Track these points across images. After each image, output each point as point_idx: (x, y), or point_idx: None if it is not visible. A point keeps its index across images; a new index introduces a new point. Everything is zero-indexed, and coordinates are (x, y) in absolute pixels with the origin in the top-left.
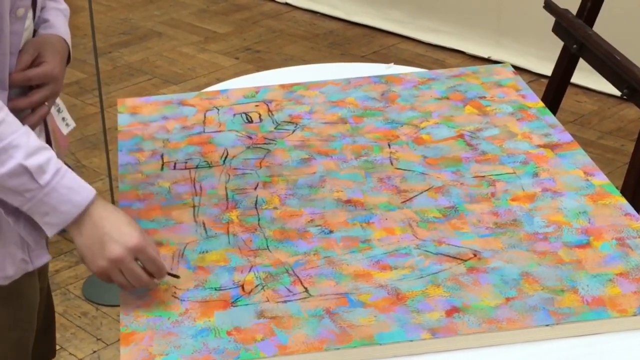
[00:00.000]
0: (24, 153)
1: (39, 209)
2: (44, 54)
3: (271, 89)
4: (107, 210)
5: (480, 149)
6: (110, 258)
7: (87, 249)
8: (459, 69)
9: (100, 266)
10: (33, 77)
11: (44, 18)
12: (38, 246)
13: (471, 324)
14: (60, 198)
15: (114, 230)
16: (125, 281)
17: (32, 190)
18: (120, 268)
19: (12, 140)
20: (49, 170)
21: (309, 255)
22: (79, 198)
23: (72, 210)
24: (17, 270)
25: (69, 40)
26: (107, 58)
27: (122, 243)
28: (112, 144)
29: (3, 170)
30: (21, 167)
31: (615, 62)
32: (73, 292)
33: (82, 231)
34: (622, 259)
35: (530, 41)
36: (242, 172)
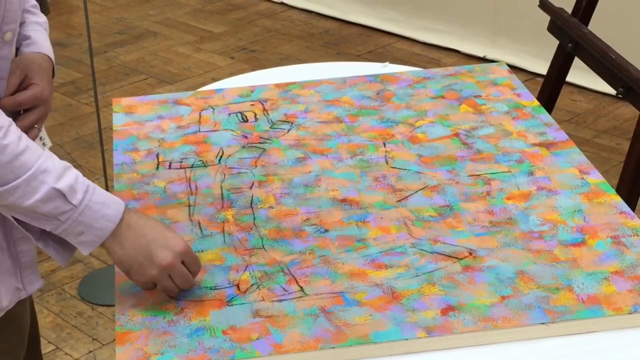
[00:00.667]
0: (54, 176)
1: (74, 230)
2: (31, 76)
3: (266, 88)
4: (142, 218)
5: (476, 148)
6: (162, 265)
7: (133, 260)
8: (454, 68)
9: (152, 275)
10: (23, 102)
11: (25, 35)
12: (31, 271)
13: (467, 322)
14: (94, 215)
15: (158, 237)
16: (174, 286)
17: (67, 212)
18: (170, 274)
19: (39, 165)
20: (79, 189)
21: (305, 254)
22: (112, 212)
23: (108, 225)
24: (11, 300)
25: (53, 56)
26: (102, 58)
27: (171, 248)
28: (108, 143)
29: (37, 196)
30: (54, 191)
31: (610, 60)
32: (69, 292)
33: (123, 244)
34: (617, 257)
35: (525, 40)
36: (237, 171)
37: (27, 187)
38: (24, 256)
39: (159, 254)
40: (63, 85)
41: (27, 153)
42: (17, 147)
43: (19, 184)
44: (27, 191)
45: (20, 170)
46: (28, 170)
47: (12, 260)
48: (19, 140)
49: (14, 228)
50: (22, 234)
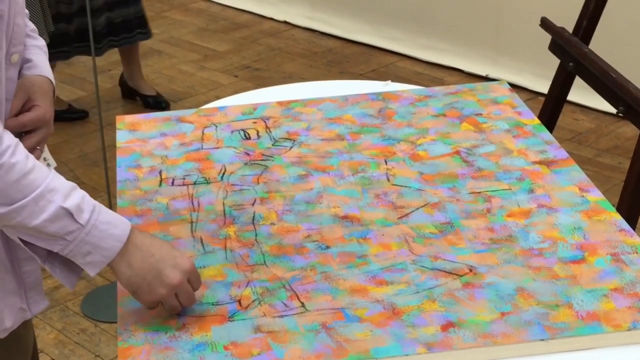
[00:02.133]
0: (61, 195)
1: (81, 250)
2: (34, 98)
3: (269, 106)
4: (148, 237)
5: (476, 166)
6: (172, 284)
7: (142, 279)
8: (456, 87)
9: (160, 294)
10: (27, 123)
11: (26, 58)
12: (36, 292)
13: (466, 338)
14: (101, 235)
15: (166, 256)
16: (178, 304)
17: (74, 231)
18: (177, 292)
19: (47, 184)
20: (86, 208)
21: (306, 271)
22: (119, 231)
23: (115, 245)
24: (15, 320)
25: (53, 79)
26: (106, 76)
27: (179, 267)
28: (111, 161)
29: (44, 215)
30: (62, 210)
31: (610, 80)
32: (72, 308)
33: (131, 263)
34: (616, 275)
35: (527, 59)
36: (239, 188)
37: (35, 206)
38: (29, 277)
39: (168, 273)
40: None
41: (34, 172)
42: (25, 166)
43: (27, 203)
44: (35, 210)
45: (27, 189)
46: (36, 189)
47: (16, 280)
48: (27, 160)
49: (18, 248)
50: (27, 254)
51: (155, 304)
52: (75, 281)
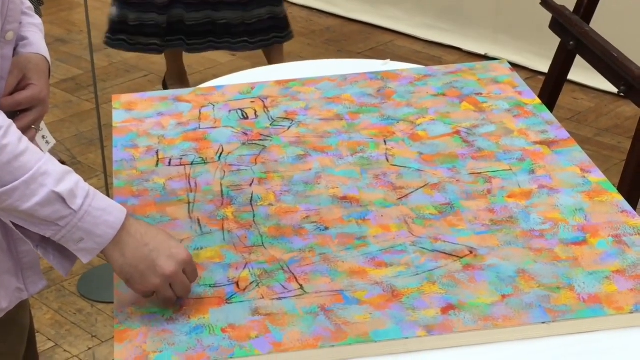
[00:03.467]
0: (53, 180)
1: (73, 236)
2: (29, 76)
3: (267, 85)
4: (143, 226)
5: (477, 146)
6: (165, 274)
7: (134, 268)
8: (456, 66)
9: (153, 284)
10: (22, 102)
11: (21, 35)
12: (33, 272)
13: (467, 321)
14: (94, 221)
15: (160, 246)
16: (173, 295)
17: (66, 217)
18: (171, 283)
19: (39, 168)
20: (80, 194)
21: (304, 252)
22: (113, 218)
23: (108, 232)
24: (11, 301)
25: (49, 57)
26: (103, 54)
27: (174, 258)
28: (108, 140)
29: (35, 199)
30: (53, 194)
31: (612, 58)
32: (68, 288)
33: (124, 251)
34: (618, 257)
35: (527, 38)
36: (237, 168)
37: (26, 190)
38: (26, 256)
39: (162, 263)
40: (63, 81)
41: (26, 155)
42: (17, 148)
43: (18, 186)
44: (26, 194)
45: (19, 171)
46: (27, 172)
47: (13, 261)
48: (19, 142)
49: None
50: None
51: (149, 293)
52: (69, 268)
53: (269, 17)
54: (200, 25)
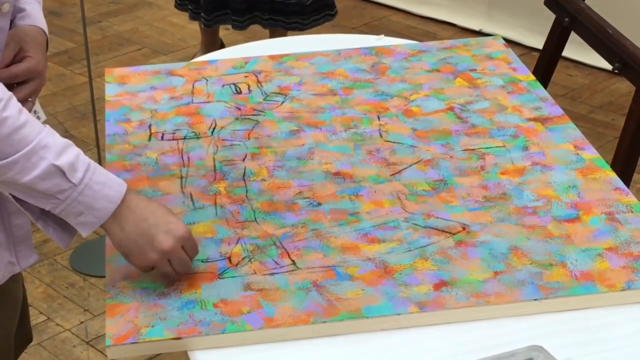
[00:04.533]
0: (54, 153)
1: (73, 210)
2: (26, 48)
3: (260, 59)
4: (144, 201)
5: (470, 122)
6: (163, 250)
7: (133, 243)
8: (450, 42)
9: (152, 259)
10: (19, 74)
11: (19, 7)
12: (25, 246)
13: (459, 297)
14: (94, 195)
15: (160, 221)
16: (172, 271)
17: (66, 190)
18: (170, 258)
19: (39, 140)
20: (80, 167)
21: (297, 228)
22: (113, 192)
23: (108, 207)
24: (3, 274)
25: (47, 29)
26: (96, 27)
27: (172, 233)
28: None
29: (35, 172)
30: (54, 168)
31: (607, 35)
32: (60, 262)
33: (123, 226)
34: (611, 234)
35: (521, 14)
36: (230, 143)
37: (27, 163)
38: (18, 230)
39: (160, 238)
40: (56, 55)
41: (27, 127)
42: (17, 121)
43: (18, 159)
44: (26, 166)
45: (19, 144)
46: (27, 145)
47: (5, 234)
48: (19, 114)
49: (8, 201)
50: (17, 208)
51: (148, 268)
52: (68, 241)
53: None
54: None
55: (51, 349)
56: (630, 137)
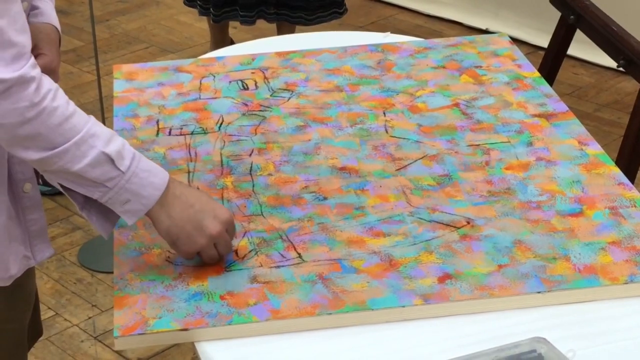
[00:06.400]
0: (102, 141)
1: (120, 197)
2: (40, 45)
3: (267, 56)
4: (187, 188)
5: (476, 118)
6: (211, 235)
7: (181, 229)
8: (456, 39)
9: (201, 244)
10: None
11: (32, 5)
12: (40, 240)
13: (463, 290)
14: (141, 182)
15: (206, 207)
16: (216, 254)
17: (114, 178)
18: (216, 242)
19: (88, 129)
20: (127, 155)
21: (303, 222)
22: (158, 180)
23: (154, 194)
24: (20, 268)
25: (59, 27)
26: (104, 26)
27: (219, 218)
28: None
29: (86, 160)
30: (103, 155)
31: (612, 33)
32: (69, 258)
33: (170, 213)
34: (614, 228)
35: (527, 13)
36: (237, 138)
37: (77, 151)
38: (34, 224)
39: (208, 224)
40: (64, 53)
41: (75, 117)
42: (67, 110)
43: (69, 148)
44: (77, 155)
45: (69, 133)
46: (77, 134)
47: (21, 228)
48: (67, 104)
49: (23, 196)
50: (32, 202)
51: (193, 254)
52: (110, 230)
53: None
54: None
55: (59, 344)
56: (634, 134)
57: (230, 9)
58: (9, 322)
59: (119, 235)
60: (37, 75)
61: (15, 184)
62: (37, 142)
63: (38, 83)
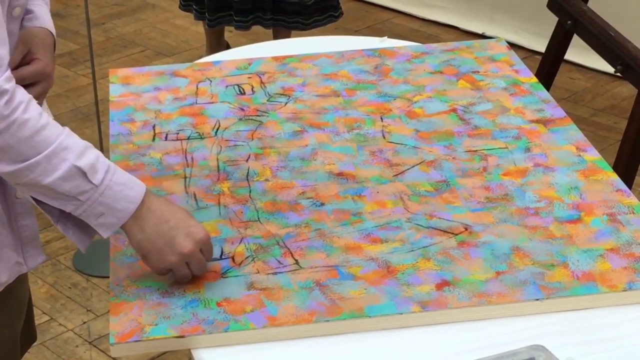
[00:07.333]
0: (75, 154)
1: (94, 211)
2: (34, 50)
3: (264, 61)
4: (164, 203)
5: (473, 124)
6: (182, 253)
7: (152, 244)
8: (453, 44)
9: (170, 262)
10: (27, 77)
11: (27, 9)
12: (32, 246)
13: (461, 297)
14: (115, 196)
15: (180, 224)
16: (189, 273)
17: (87, 191)
18: (188, 261)
19: (60, 142)
20: (100, 168)
21: (300, 228)
22: (133, 193)
23: (129, 207)
24: (10, 275)
25: (54, 31)
26: (100, 29)
27: (192, 237)
28: (105, 115)
29: (57, 174)
30: (75, 169)
31: (609, 38)
32: (63, 263)
33: (143, 227)
34: (612, 235)
35: (524, 17)
36: (233, 143)
37: (48, 164)
38: (26, 231)
39: (180, 241)
40: (60, 56)
41: (48, 129)
42: (38, 123)
43: (40, 160)
44: (48, 168)
45: (41, 146)
46: (49, 147)
47: (13, 234)
48: (40, 116)
49: (16, 202)
50: (24, 208)
51: (165, 271)
52: (88, 243)
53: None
54: (249, 2)
55: (54, 349)
56: (632, 139)
57: (225, 13)
58: (2, 327)
59: (115, 241)
60: (11, 88)
61: (8, 190)
62: (7, 155)
63: (10, 96)
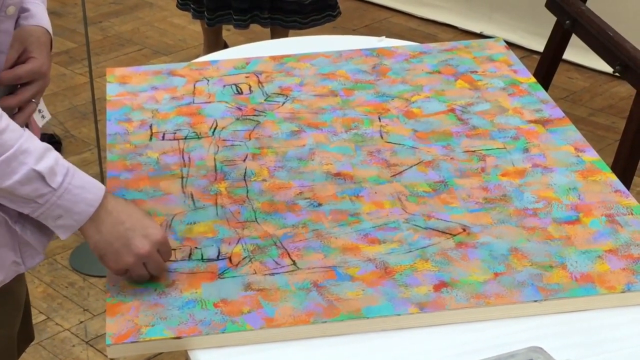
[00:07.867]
0: (34, 158)
1: (52, 213)
2: (30, 49)
3: (262, 60)
4: (121, 204)
5: (471, 124)
6: (139, 254)
7: (109, 245)
8: (451, 43)
9: (127, 262)
10: (23, 75)
11: (23, 7)
12: (29, 246)
13: (459, 298)
14: (73, 199)
15: (137, 225)
16: (146, 274)
17: (45, 194)
18: (145, 262)
19: (20, 145)
20: (59, 171)
21: (298, 228)
22: (91, 196)
23: (87, 210)
24: (8, 274)
25: (51, 30)
26: (97, 28)
27: (149, 238)
28: (102, 114)
29: (15, 177)
30: (34, 173)
31: (608, 38)
32: (60, 262)
33: (100, 228)
34: (611, 236)
35: (522, 16)
36: (231, 143)
37: (7, 168)
38: None
39: (137, 242)
40: (57, 54)
41: (7, 132)
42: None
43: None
44: (6, 172)
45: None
46: (8, 150)
47: (10, 234)
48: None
49: None
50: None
51: (122, 271)
52: (46, 244)
53: None
54: (246, 0)
55: (50, 349)
56: (630, 140)
57: (224, 12)
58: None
59: None
60: None
61: None
62: None
63: None
